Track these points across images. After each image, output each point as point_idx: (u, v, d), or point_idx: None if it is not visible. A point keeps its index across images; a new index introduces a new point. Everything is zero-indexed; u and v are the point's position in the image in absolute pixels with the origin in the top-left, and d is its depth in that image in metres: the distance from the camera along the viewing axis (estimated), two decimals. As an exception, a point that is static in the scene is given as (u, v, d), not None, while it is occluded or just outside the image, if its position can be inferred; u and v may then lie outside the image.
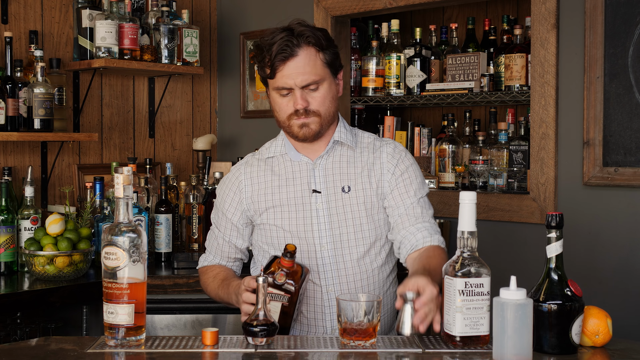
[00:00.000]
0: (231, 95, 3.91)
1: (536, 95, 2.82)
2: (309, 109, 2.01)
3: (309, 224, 2.06)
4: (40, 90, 2.94)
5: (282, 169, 2.11)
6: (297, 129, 2.03)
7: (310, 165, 2.10)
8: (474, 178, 3.13)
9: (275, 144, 2.16)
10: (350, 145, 2.11)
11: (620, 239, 2.63)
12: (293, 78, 1.98)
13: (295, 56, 1.97)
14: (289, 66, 1.97)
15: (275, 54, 1.97)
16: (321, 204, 2.06)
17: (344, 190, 2.07)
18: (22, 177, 3.12)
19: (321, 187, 2.08)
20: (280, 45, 1.96)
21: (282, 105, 2.03)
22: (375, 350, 1.67)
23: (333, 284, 2.06)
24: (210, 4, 3.92)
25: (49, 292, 2.59)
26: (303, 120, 2.01)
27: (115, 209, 1.67)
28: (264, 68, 2.03)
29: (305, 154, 2.10)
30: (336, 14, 3.40)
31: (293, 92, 2.00)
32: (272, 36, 2.00)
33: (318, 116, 2.02)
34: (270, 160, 2.14)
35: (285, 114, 2.03)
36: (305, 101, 2.00)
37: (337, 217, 2.06)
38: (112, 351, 1.65)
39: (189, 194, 3.17)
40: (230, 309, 2.69)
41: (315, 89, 2.01)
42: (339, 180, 2.08)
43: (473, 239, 1.66)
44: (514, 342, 1.52)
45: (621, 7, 2.60)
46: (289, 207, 2.08)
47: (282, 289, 1.84)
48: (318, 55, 2.00)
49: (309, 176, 2.09)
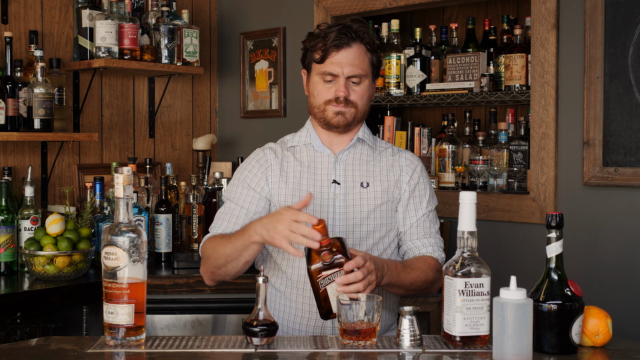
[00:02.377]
0: (231, 95, 3.91)
1: (536, 95, 2.82)
2: (349, 99, 2.10)
3: (325, 212, 2.12)
4: (40, 90, 2.94)
5: (304, 158, 2.18)
6: (332, 115, 2.11)
7: (332, 157, 2.17)
8: (474, 178, 3.13)
9: (299, 134, 2.23)
10: (371, 145, 2.21)
11: (620, 239, 2.63)
12: (342, 66, 2.08)
13: (349, 47, 2.08)
14: (341, 54, 2.08)
15: (332, 40, 2.07)
16: (339, 195, 2.14)
17: (363, 186, 2.15)
18: (22, 177, 3.12)
19: (341, 180, 2.15)
20: (338, 34, 2.07)
21: (322, 91, 2.11)
22: (375, 350, 1.67)
23: None
24: (210, 4, 3.92)
25: (49, 292, 2.59)
26: (340, 108, 2.10)
27: (115, 209, 1.67)
28: (313, 53, 2.12)
29: (329, 146, 2.18)
30: (336, 14, 3.40)
31: (337, 80, 2.09)
32: (329, 26, 2.12)
33: (354, 108, 2.12)
34: (293, 149, 2.21)
35: (324, 98, 2.11)
36: (347, 91, 2.09)
37: (352, 208, 2.13)
38: (112, 351, 1.65)
39: (189, 194, 3.17)
40: (231, 309, 2.70)
41: (358, 83, 2.11)
42: (359, 175, 2.17)
43: (473, 239, 1.66)
44: (514, 342, 1.52)
45: (621, 7, 2.60)
46: (307, 193, 2.09)
47: (335, 265, 1.78)
48: (367, 54, 2.12)
49: (330, 167, 2.16)
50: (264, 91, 3.76)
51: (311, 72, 2.15)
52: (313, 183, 2.14)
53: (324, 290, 1.78)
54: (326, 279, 1.78)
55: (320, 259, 1.78)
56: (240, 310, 2.70)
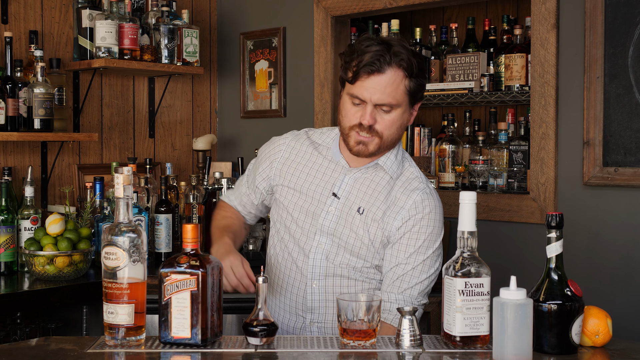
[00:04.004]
0: (231, 95, 3.91)
1: (536, 95, 2.82)
2: (374, 128, 1.97)
3: (316, 221, 2.07)
4: (40, 90, 2.94)
5: (318, 159, 2.13)
6: (354, 143, 2.01)
7: (344, 170, 2.09)
8: (474, 178, 3.13)
9: (329, 134, 2.16)
10: (392, 176, 2.07)
11: (620, 239, 2.63)
12: (370, 93, 1.94)
13: (382, 73, 1.92)
14: (372, 80, 1.93)
15: (364, 63, 1.92)
16: (334, 209, 2.06)
17: (359, 211, 2.05)
18: (22, 177, 3.12)
19: (341, 195, 2.07)
20: (373, 56, 1.92)
21: (349, 113, 1.99)
22: (375, 350, 1.67)
23: (319, 279, 2.07)
24: (210, 4, 3.92)
25: (49, 292, 2.59)
26: (362, 138, 1.98)
27: (115, 209, 1.67)
28: (347, 70, 1.98)
29: (346, 158, 2.09)
30: (336, 14, 3.40)
31: (365, 105, 1.96)
32: (369, 43, 1.95)
33: (379, 138, 1.99)
34: (315, 146, 2.16)
35: (350, 122, 1.99)
36: (373, 119, 1.96)
37: (342, 227, 2.05)
38: (112, 351, 1.65)
39: (189, 194, 3.17)
40: (231, 309, 2.70)
41: (388, 112, 1.97)
42: (360, 199, 2.06)
43: (473, 239, 1.66)
44: (514, 342, 1.52)
45: (621, 7, 2.59)
46: (306, 196, 2.10)
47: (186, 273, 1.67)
48: (404, 81, 1.95)
49: (337, 178, 2.09)
50: (264, 91, 3.76)
51: (343, 88, 2.02)
52: (314, 187, 2.10)
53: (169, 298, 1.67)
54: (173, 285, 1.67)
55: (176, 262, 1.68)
56: (240, 310, 2.70)
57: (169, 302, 1.65)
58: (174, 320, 1.65)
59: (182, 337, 1.66)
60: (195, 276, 1.64)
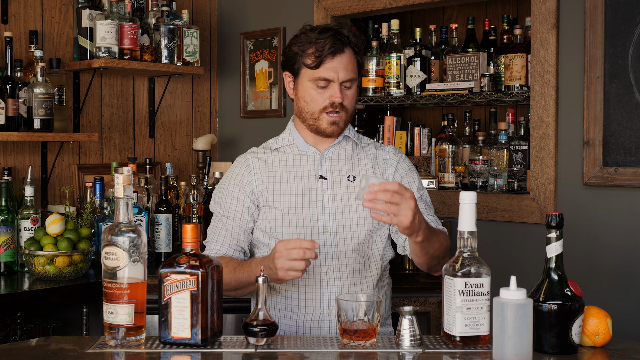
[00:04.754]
0: (231, 95, 3.91)
1: (536, 95, 2.82)
2: (343, 104, 2.12)
3: (314, 208, 2.13)
4: (40, 90, 2.94)
5: (289, 158, 2.20)
6: (327, 125, 2.13)
7: (317, 155, 2.20)
8: (474, 178, 3.13)
9: (282, 137, 2.25)
10: (356, 141, 2.23)
11: (620, 239, 2.63)
12: (337, 72, 2.09)
13: (343, 53, 2.10)
14: (336, 60, 2.09)
15: (328, 47, 2.07)
16: (327, 190, 2.15)
17: (349, 179, 2.17)
18: (22, 177, 3.12)
19: (327, 175, 2.17)
20: (333, 40, 2.08)
21: (315, 97, 2.12)
22: (375, 350, 1.67)
23: (332, 265, 2.11)
24: (210, 4, 3.92)
25: (49, 292, 2.59)
26: (334, 118, 2.12)
27: (115, 209, 1.67)
28: (303, 58, 2.11)
29: (314, 145, 2.20)
30: (336, 14, 3.40)
31: (330, 86, 2.10)
32: (320, 30, 2.11)
33: (346, 113, 2.14)
34: (277, 151, 2.23)
35: (319, 106, 2.12)
36: (342, 96, 2.10)
37: (341, 202, 2.14)
38: (112, 351, 1.65)
39: (189, 194, 3.17)
40: (231, 309, 2.70)
41: (349, 87, 2.13)
42: (345, 170, 2.19)
43: (473, 239, 1.66)
44: (514, 342, 1.52)
45: (621, 7, 2.59)
46: (295, 190, 2.15)
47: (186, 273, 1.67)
48: (355, 57, 2.14)
49: (316, 164, 2.18)
50: (264, 91, 3.76)
51: (300, 77, 2.15)
52: (300, 180, 2.16)
53: (169, 297, 1.67)
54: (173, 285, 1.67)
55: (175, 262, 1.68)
56: (240, 310, 2.70)
57: (169, 302, 1.65)
58: (174, 320, 1.65)
59: (182, 337, 1.66)
60: (195, 276, 1.64)
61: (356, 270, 2.13)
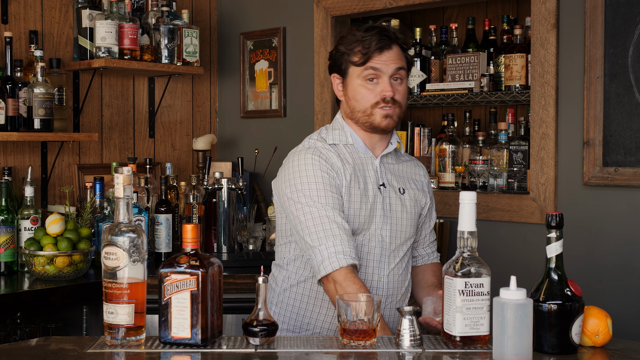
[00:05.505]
0: (231, 95, 3.91)
1: (536, 95, 2.82)
2: (395, 99, 2.09)
3: (375, 216, 2.11)
4: (40, 90, 2.94)
5: (349, 159, 2.13)
6: (381, 119, 2.09)
7: (375, 160, 2.17)
8: (474, 178, 3.13)
9: (337, 133, 2.16)
10: (398, 151, 2.26)
11: (620, 238, 2.63)
12: (387, 65, 2.08)
13: (390, 49, 2.09)
14: (385, 55, 2.08)
15: (375, 43, 2.07)
16: (386, 198, 2.14)
17: (400, 192, 2.18)
18: (22, 177, 3.12)
19: (386, 183, 2.16)
20: (379, 36, 2.08)
21: (365, 94, 2.09)
22: (375, 350, 1.67)
23: (384, 275, 2.14)
24: (210, 4, 3.92)
25: (49, 292, 2.59)
26: (388, 111, 2.08)
27: (115, 209, 1.67)
28: (351, 56, 2.10)
29: (371, 149, 2.17)
30: (336, 14, 3.40)
31: (381, 80, 2.08)
32: (366, 28, 2.12)
33: (399, 108, 2.11)
34: (335, 148, 2.14)
35: (369, 102, 2.09)
36: (393, 90, 2.08)
37: (395, 214, 2.16)
38: (112, 351, 1.65)
39: (189, 194, 3.17)
40: (231, 309, 2.70)
41: (401, 82, 2.12)
42: (396, 181, 2.19)
43: (473, 239, 1.66)
44: (514, 342, 1.52)
45: (621, 7, 2.59)
46: (362, 197, 2.09)
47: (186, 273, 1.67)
48: (403, 54, 2.14)
49: (376, 170, 2.16)
50: (264, 91, 3.76)
51: (348, 77, 2.11)
52: (364, 186, 2.11)
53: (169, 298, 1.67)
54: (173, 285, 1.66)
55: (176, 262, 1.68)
56: (240, 310, 2.70)
57: (169, 302, 1.65)
58: (174, 320, 1.65)
59: (182, 337, 1.66)
60: (195, 276, 1.64)
61: (399, 281, 2.17)
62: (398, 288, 2.16)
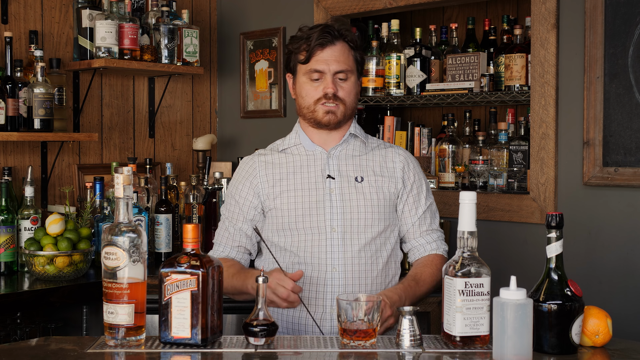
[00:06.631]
0: (231, 95, 3.91)
1: (536, 95, 2.82)
2: (337, 96, 2.14)
3: (322, 207, 2.14)
4: (40, 90, 2.94)
5: (296, 158, 2.21)
6: (322, 114, 2.15)
7: (324, 154, 2.20)
8: (474, 178, 3.13)
9: (288, 137, 2.27)
10: (363, 140, 2.24)
11: (620, 238, 2.63)
12: (328, 63, 2.12)
13: (333, 45, 2.14)
14: (326, 52, 2.13)
15: (315, 39, 2.12)
16: (334, 189, 2.16)
17: (357, 180, 2.18)
18: (22, 177, 3.12)
19: (335, 175, 2.18)
20: (321, 34, 2.13)
21: (309, 90, 2.15)
22: (375, 350, 1.67)
23: (338, 264, 2.12)
24: (210, 4, 3.92)
25: (49, 292, 2.59)
26: (329, 108, 2.14)
27: (115, 209, 1.67)
28: (297, 55, 2.17)
29: (321, 145, 2.21)
30: (336, 14, 3.40)
31: (324, 78, 2.13)
32: (311, 27, 2.18)
33: (343, 105, 2.15)
34: (284, 152, 2.24)
35: (313, 98, 2.15)
36: (335, 87, 2.13)
37: (349, 202, 2.15)
38: (112, 351, 1.65)
39: (189, 194, 3.17)
40: (231, 309, 2.70)
41: (345, 80, 2.15)
42: (352, 170, 2.19)
43: (473, 239, 1.66)
44: (514, 342, 1.53)
45: (621, 7, 2.60)
46: (302, 191, 2.16)
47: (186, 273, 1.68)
48: (351, 52, 2.17)
49: (323, 164, 2.19)
50: (264, 91, 3.76)
51: (297, 75, 2.19)
52: (307, 180, 2.17)
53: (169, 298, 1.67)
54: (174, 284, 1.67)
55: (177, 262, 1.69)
56: (240, 310, 2.70)
57: (169, 302, 1.65)
58: (174, 320, 1.65)
59: (182, 337, 1.66)
60: (196, 276, 1.64)
61: (362, 270, 2.13)
62: (361, 278, 2.13)
